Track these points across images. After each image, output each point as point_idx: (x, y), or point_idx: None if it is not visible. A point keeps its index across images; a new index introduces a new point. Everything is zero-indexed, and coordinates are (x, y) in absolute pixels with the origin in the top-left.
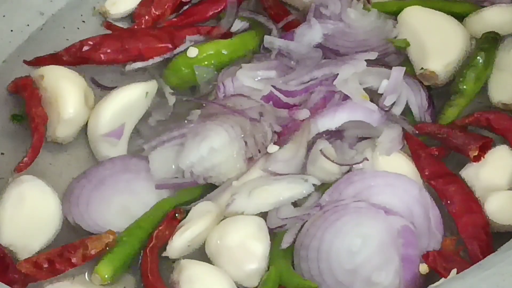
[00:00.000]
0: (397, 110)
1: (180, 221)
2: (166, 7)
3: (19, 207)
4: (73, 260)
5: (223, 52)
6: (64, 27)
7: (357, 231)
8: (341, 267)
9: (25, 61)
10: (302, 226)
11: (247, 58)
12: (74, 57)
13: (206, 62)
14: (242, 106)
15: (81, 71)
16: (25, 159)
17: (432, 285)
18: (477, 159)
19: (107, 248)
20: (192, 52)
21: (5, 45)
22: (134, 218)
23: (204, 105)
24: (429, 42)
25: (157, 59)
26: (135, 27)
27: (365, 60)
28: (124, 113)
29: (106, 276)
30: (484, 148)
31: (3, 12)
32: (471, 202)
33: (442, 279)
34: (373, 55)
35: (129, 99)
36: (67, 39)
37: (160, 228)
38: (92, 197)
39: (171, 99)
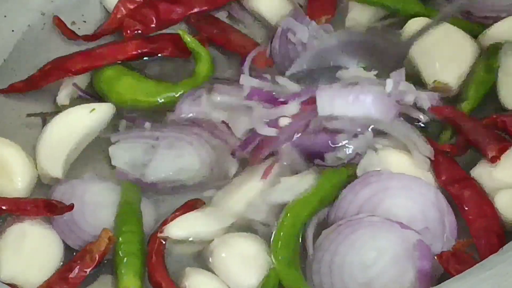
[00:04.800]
0: (409, 98)
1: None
2: None
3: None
4: (85, 269)
5: None
6: None
7: (371, 244)
8: (354, 280)
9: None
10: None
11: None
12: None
13: None
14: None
15: None
16: None
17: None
18: (494, 159)
19: (111, 245)
20: None
21: (6, 44)
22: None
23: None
24: (439, 54)
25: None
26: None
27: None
28: (65, 137)
29: (135, 286)
30: (502, 150)
31: (4, 12)
32: (485, 206)
33: None
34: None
35: (70, 123)
36: (69, 40)
37: (176, 213)
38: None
39: None
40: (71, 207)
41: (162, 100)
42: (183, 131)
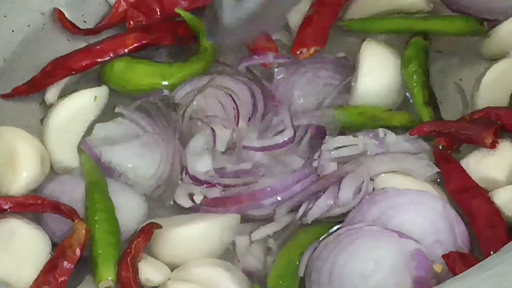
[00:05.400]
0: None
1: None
2: None
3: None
4: (70, 264)
5: None
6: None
7: (370, 254)
8: None
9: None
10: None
11: None
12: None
13: None
14: None
15: None
16: None
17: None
18: (492, 145)
19: (88, 235)
20: None
21: (6, 44)
22: None
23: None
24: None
25: None
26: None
27: None
28: (73, 123)
29: (110, 277)
30: (496, 133)
31: (4, 12)
32: (494, 215)
33: None
34: None
35: (76, 108)
36: (68, 40)
37: (138, 239)
38: None
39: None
40: (79, 217)
41: (178, 80)
42: (169, 139)
